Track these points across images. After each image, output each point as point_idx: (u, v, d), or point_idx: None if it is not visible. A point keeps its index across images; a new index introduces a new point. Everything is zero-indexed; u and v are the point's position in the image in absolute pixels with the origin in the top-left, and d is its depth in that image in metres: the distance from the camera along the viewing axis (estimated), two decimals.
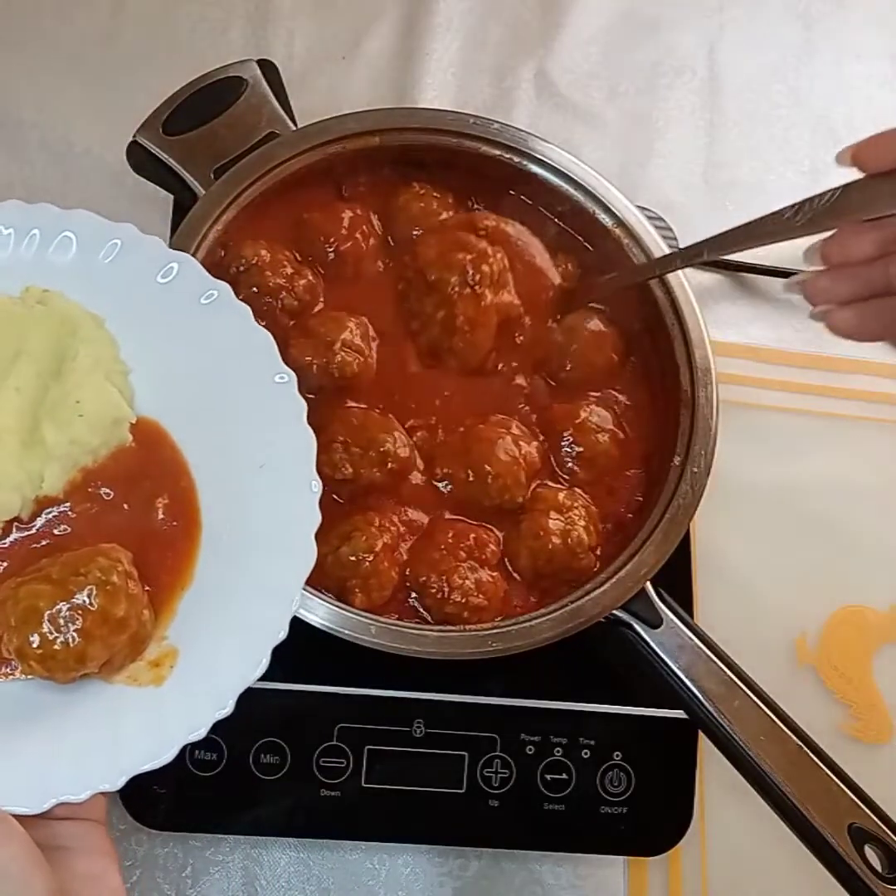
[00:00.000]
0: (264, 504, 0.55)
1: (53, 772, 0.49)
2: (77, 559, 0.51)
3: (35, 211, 0.58)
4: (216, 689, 0.51)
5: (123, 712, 0.51)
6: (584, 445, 0.72)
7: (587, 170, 0.75)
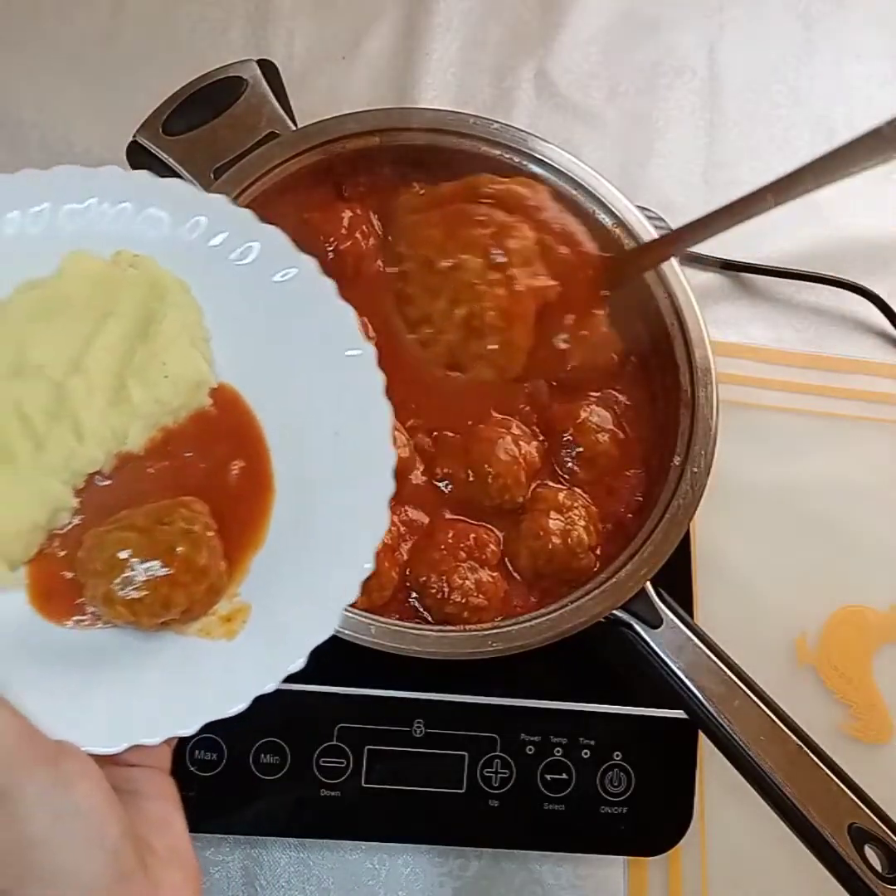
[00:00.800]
0: (338, 471, 0.56)
1: (130, 716, 0.50)
2: (160, 509, 0.52)
3: (130, 179, 0.59)
4: (287, 646, 0.52)
5: (197, 663, 0.52)
6: (584, 445, 0.72)
7: (587, 170, 0.75)
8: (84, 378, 0.55)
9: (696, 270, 0.92)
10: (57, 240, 0.59)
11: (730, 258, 0.93)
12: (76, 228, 0.59)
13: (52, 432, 0.54)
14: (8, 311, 0.57)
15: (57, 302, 0.57)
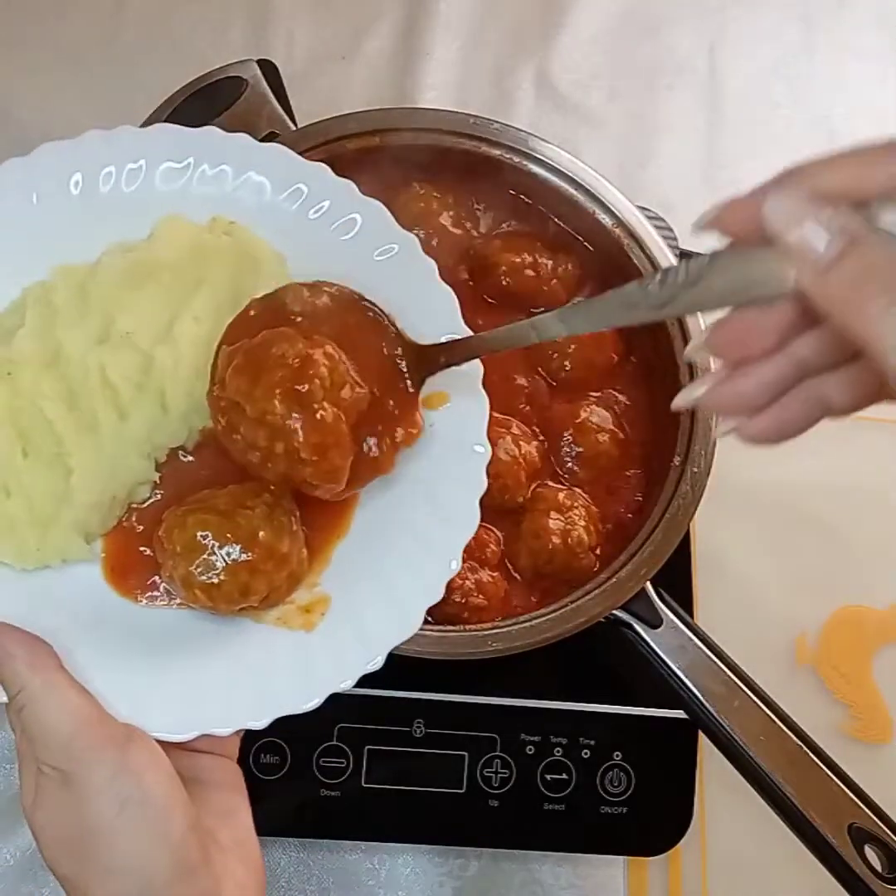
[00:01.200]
0: (430, 464, 0.54)
1: (201, 703, 0.49)
2: (243, 492, 0.51)
3: (232, 142, 0.57)
4: (367, 642, 0.50)
5: (273, 653, 0.51)
6: (584, 445, 0.72)
7: (587, 170, 0.75)
8: (172, 348, 0.53)
9: None
10: (152, 201, 0.56)
11: None
12: (172, 189, 0.56)
13: (136, 403, 0.53)
14: (97, 274, 0.55)
15: (148, 267, 0.55)
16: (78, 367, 0.52)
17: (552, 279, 0.75)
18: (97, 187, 0.56)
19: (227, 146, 0.57)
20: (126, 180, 0.56)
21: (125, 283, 0.54)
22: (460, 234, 0.76)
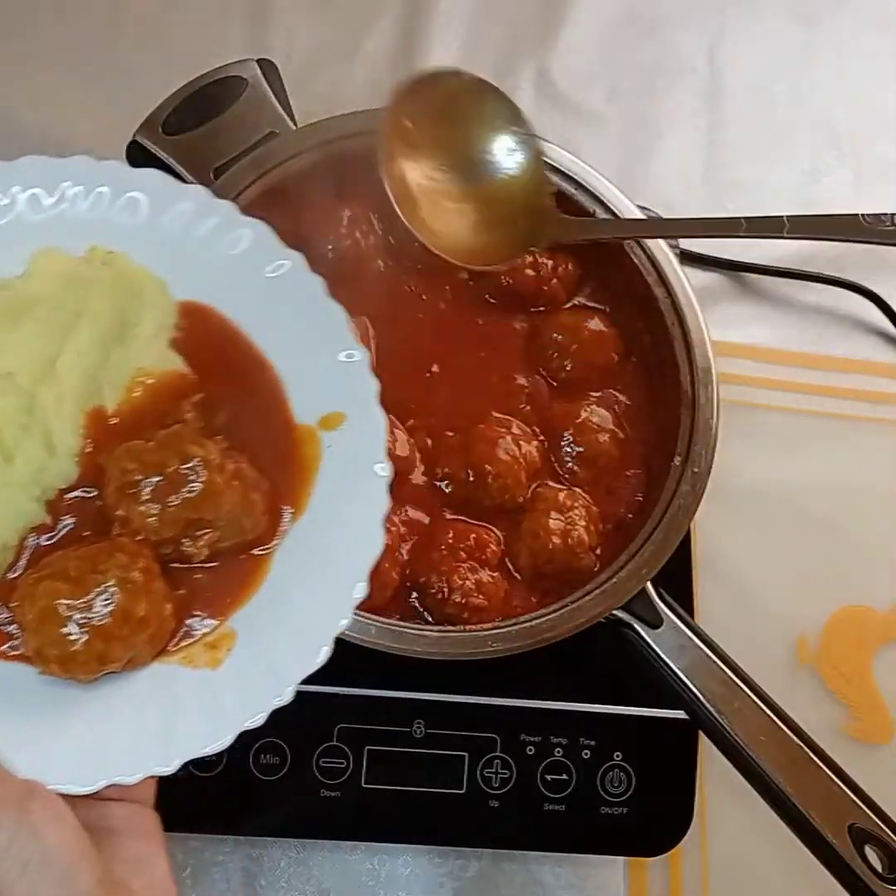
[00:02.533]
0: (330, 487, 0.53)
1: (106, 751, 0.48)
2: (96, 554, 0.49)
3: (105, 168, 0.57)
4: (275, 676, 0.50)
5: (178, 694, 0.50)
6: (584, 445, 0.72)
7: (587, 169, 0.75)
8: (55, 386, 0.52)
9: (696, 270, 0.92)
10: (25, 233, 0.55)
11: (730, 258, 0.93)
12: (46, 219, 0.56)
13: (21, 445, 0.51)
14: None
15: (25, 304, 0.54)
16: None
17: (552, 279, 0.75)
18: None
19: (103, 171, 0.57)
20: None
21: (2, 321, 0.53)
22: None
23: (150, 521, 0.50)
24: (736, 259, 0.93)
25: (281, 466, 0.54)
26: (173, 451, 0.50)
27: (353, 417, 0.54)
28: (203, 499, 0.50)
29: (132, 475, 0.50)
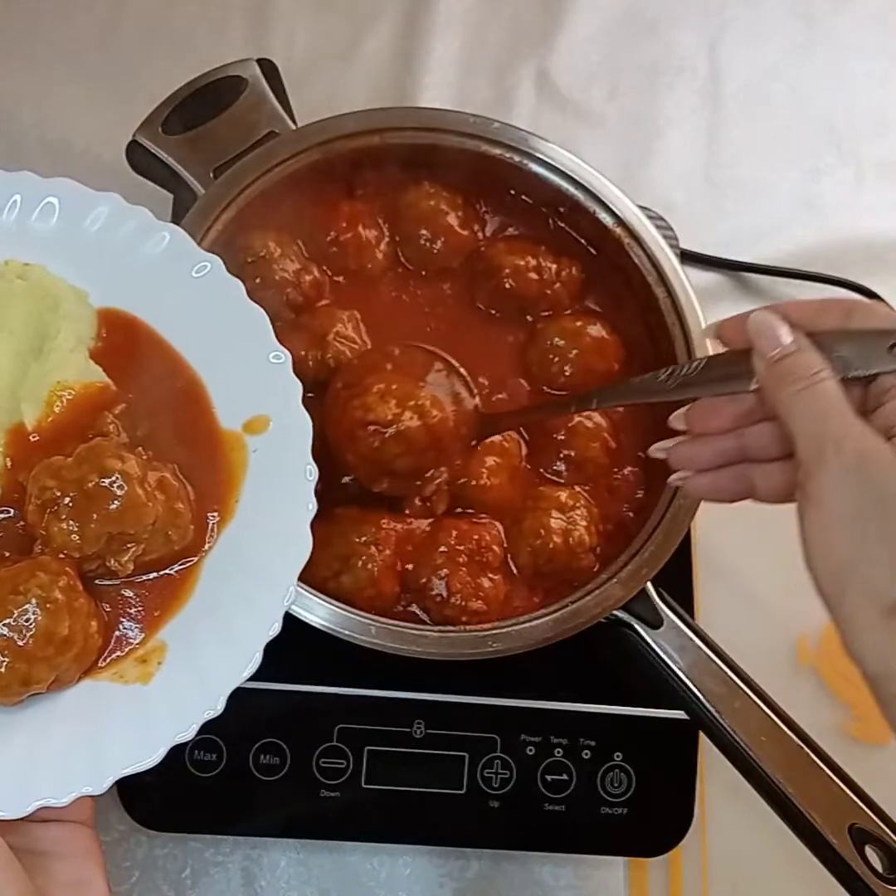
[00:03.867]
0: (258, 491, 0.53)
1: (34, 773, 0.47)
2: (16, 575, 0.48)
3: (16, 178, 0.56)
4: (206, 688, 0.49)
5: (109, 711, 0.49)
6: (574, 449, 0.72)
7: (588, 169, 0.75)
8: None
9: (696, 270, 0.92)
10: None
11: (730, 258, 0.93)
12: None
13: None
14: None
15: None
16: None
17: (555, 283, 0.75)
18: None
19: (14, 182, 0.56)
20: None
21: None
22: (467, 236, 0.76)
23: (71, 539, 0.49)
24: (736, 259, 0.93)
25: (207, 473, 0.54)
26: (92, 466, 0.49)
27: (278, 420, 0.54)
28: (125, 512, 0.49)
29: (51, 492, 0.49)
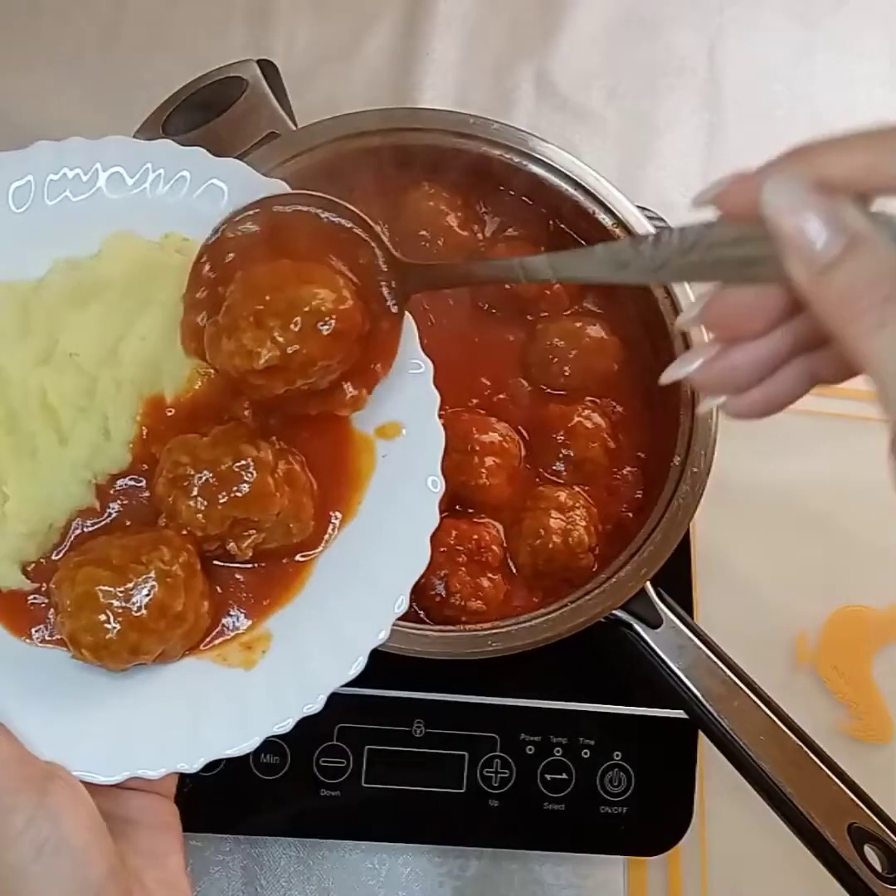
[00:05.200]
0: (381, 498, 0.53)
1: (132, 743, 0.48)
2: (139, 545, 0.49)
3: (188, 154, 0.56)
4: (307, 683, 0.49)
5: (209, 691, 0.49)
6: (573, 449, 0.72)
7: (587, 170, 0.75)
8: (115, 370, 0.52)
9: None
10: (102, 213, 0.54)
11: None
12: (125, 200, 0.54)
13: (77, 427, 0.51)
14: (42, 291, 0.53)
15: (94, 285, 0.53)
16: (18, 389, 0.51)
17: (554, 284, 0.75)
18: (42, 199, 0.55)
19: (185, 157, 0.56)
20: (75, 191, 0.55)
21: (70, 302, 0.53)
22: (466, 237, 0.76)
23: (197, 517, 0.50)
24: None
25: (334, 472, 0.54)
26: (227, 449, 0.50)
27: (411, 429, 0.53)
28: (252, 499, 0.50)
29: (184, 468, 0.50)
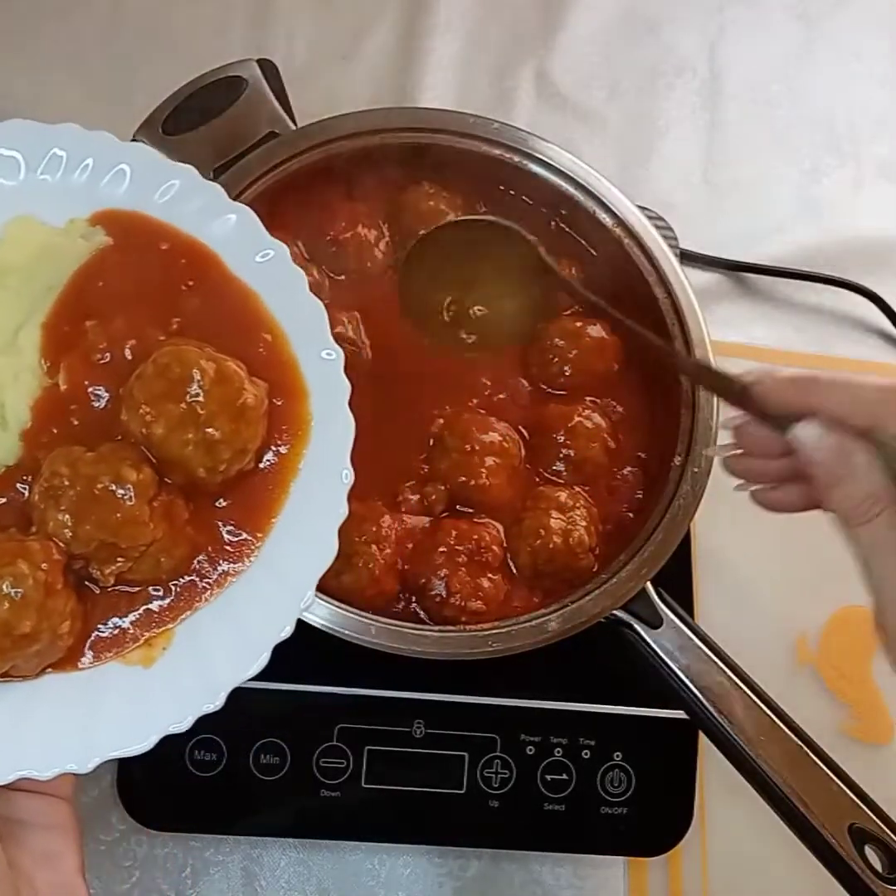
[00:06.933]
0: (292, 491, 0.52)
1: (21, 743, 0.46)
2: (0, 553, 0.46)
3: (93, 138, 0.55)
4: (208, 681, 0.48)
5: (104, 689, 0.48)
6: (574, 449, 0.72)
7: (587, 169, 0.75)
8: (15, 359, 0.50)
9: (696, 270, 0.92)
10: (3, 198, 0.53)
11: (730, 258, 0.93)
12: (27, 185, 0.53)
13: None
14: None
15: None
16: None
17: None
18: None
19: (91, 141, 0.54)
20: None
21: None
22: None
23: (63, 532, 0.48)
24: (736, 259, 0.93)
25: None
26: (108, 468, 0.48)
27: (321, 419, 0.52)
28: (122, 525, 0.48)
29: (61, 479, 0.48)
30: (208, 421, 0.49)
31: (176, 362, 0.49)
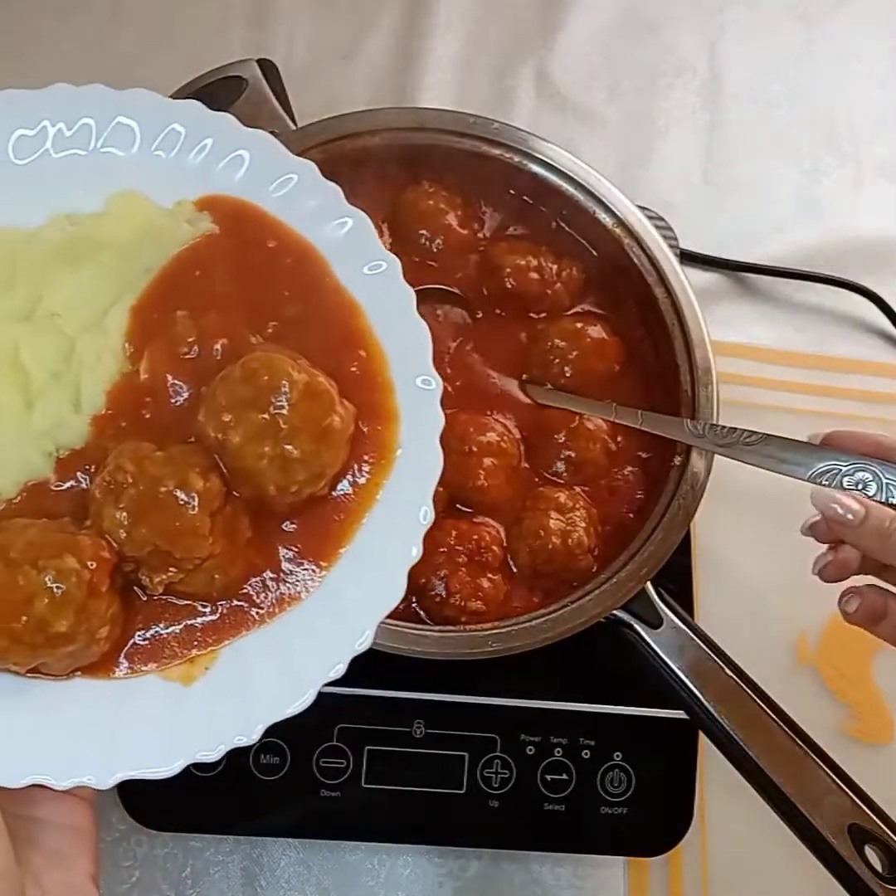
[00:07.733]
0: (366, 522, 0.49)
1: (40, 745, 0.44)
2: (46, 544, 0.44)
3: (216, 118, 0.52)
4: (246, 711, 0.45)
5: (136, 702, 0.46)
6: (574, 450, 0.72)
7: (587, 169, 0.75)
8: (99, 339, 0.48)
9: (696, 270, 0.92)
10: (112, 169, 0.50)
11: (730, 258, 0.93)
12: (140, 159, 0.51)
13: (47, 393, 0.47)
14: (34, 243, 0.49)
15: (91, 244, 0.49)
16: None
17: (556, 283, 0.75)
18: (44, 146, 0.51)
19: (213, 122, 0.52)
20: (80, 142, 0.51)
21: (62, 258, 0.49)
22: (466, 235, 0.76)
23: (118, 531, 0.46)
24: (736, 259, 0.93)
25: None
26: (176, 472, 0.46)
27: (409, 450, 0.49)
28: (179, 534, 0.45)
29: (124, 476, 0.46)
30: (289, 437, 0.46)
31: (265, 369, 0.46)
